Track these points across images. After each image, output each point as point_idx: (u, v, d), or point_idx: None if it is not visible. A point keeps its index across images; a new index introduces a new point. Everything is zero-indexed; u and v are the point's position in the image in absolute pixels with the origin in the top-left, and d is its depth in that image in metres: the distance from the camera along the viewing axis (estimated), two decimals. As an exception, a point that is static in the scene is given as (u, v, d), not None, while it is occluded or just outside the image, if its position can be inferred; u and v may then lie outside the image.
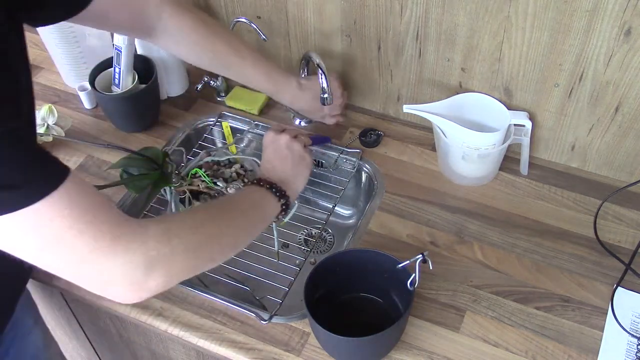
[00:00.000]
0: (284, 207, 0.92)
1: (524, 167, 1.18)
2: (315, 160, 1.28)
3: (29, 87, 0.67)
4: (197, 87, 1.34)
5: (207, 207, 0.86)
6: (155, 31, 1.00)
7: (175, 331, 0.99)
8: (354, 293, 1.00)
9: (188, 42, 1.03)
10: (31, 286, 1.15)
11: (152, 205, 1.15)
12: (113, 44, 1.20)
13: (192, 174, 1.00)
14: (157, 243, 0.67)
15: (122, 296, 0.68)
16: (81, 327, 1.26)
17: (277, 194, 0.91)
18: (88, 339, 1.30)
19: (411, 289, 0.90)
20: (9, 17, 0.62)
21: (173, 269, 0.70)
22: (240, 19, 1.20)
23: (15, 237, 0.61)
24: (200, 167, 1.02)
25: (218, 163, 1.04)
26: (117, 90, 1.24)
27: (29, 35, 0.69)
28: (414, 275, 0.89)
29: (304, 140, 1.04)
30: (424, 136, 1.26)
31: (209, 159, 1.02)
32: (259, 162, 1.02)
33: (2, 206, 0.58)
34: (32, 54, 1.47)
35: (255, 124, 1.30)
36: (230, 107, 1.34)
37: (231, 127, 1.32)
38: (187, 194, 0.98)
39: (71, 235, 0.62)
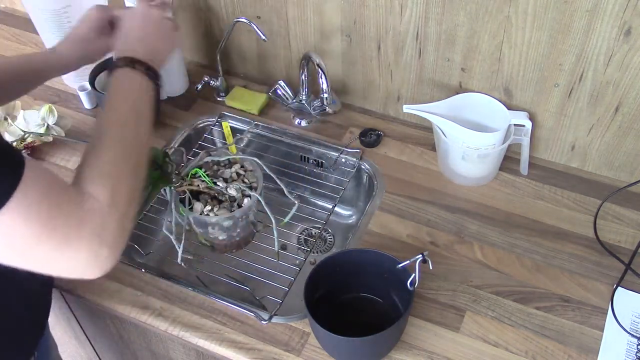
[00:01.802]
0: (158, 85, 0.86)
1: (524, 167, 1.18)
2: (316, 160, 1.28)
3: None
4: (197, 87, 1.34)
5: (112, 136, 0.76)
6: None
7: (175, 331, 0.99)
8: (354, 293, 1.00)
9: None
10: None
11: (152, 205, 1.15)
12: (113, 44, 1.19)
13: (192, 174, 1.00)
14: (109, 212, 0.68)
15: (96, 270, 0.68)
16: (81, 327, 1.26)
17: (151, 74, 0.84)
18: (88, 339, 1.30)
19: (411, 289, 0.90)
20: None
21: (124, 225, 0.70)
22: (240, 19, 1.20)
23: None
24: (200, 167, 1.02)
25: (218, 163, 1.04)
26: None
27: (29, 35, 0.69)
28: (414, 275, 0.89)
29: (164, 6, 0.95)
30: (424, 136, 1.26)
31: (209, 159, 1.02)
32: (259, 162, 1.02)
33: None
34: (32, 54, 1.47)
35: (255, 124, 1.30)
36: (230, 107, 1.34)
37: (231, 127, 1.32)
38: (187, 194, 0.98)
39: (46, 232, 0.62)
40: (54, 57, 0.99)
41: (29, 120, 1.27)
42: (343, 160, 1.25)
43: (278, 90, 1.32)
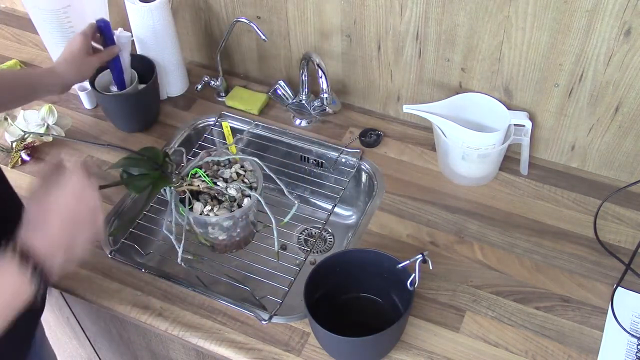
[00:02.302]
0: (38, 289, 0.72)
1: (524, 167, 1.18)
2: (316, 160, 1.28)
3: None
4: (197, 87, 1.34)
5: None
6: None
7: (175, 331, 0.99)
8: (354, 293, 1.00)
9: None
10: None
11: (152, 205, 1.15)
12: (113, 44, 1.19)
13: (192, 174, 1.00)
14: None
15: None
16: (81, 327, 1.26)
17: (40, 278, 0.71)
18: (88, 339, 1.30)
19: (411, 289, 0.90)
20: None
21: None
22: (240, 19, 1.20)
23: None
24: (200, 167, 1.02)
25: (218, 163, 1.04)
26: (117, 90, 1.24)
27: (29, 35, 0.69)
28: (414, 275, 0.89)
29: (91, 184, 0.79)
30: (424, 136, 1.26)
31: (209, 159, 1.02)
32: (259, 162, 1.02)
33: None
34: (32, 54, 1.47)
35: (255, 124, 1.30)
36: (230, 107, 1.34)
37: (231, 127, 1.32)
38: (187, 194, 0.98)
39: None
40: (54, 77, 1.05)
41: (29, 120, 1.27)
42: (343, 160, 1.25)
43: (278, 90, 1.32)
